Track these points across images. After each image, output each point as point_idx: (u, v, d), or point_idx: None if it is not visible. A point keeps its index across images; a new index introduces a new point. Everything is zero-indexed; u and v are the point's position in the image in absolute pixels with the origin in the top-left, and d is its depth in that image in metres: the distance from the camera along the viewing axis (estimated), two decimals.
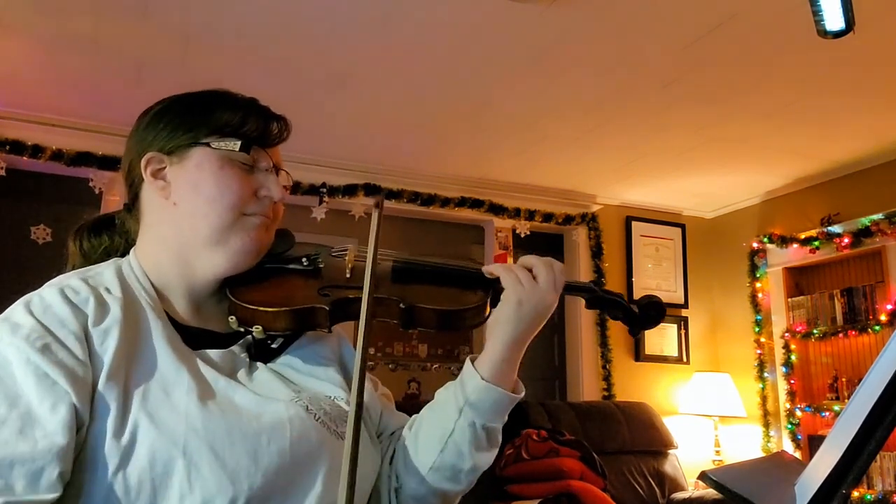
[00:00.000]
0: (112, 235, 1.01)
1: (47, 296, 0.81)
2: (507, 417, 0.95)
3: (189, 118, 0.92)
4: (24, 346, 0.74)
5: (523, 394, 0.95)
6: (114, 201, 3.80)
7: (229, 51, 3.01)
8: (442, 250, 4.68)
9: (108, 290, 0.85)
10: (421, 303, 0.92)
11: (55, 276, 0.87)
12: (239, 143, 0.90)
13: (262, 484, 0.76)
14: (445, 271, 0.99)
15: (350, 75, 3.21)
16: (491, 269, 0.97)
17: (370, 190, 4.30)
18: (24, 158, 3.64)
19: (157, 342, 0.83)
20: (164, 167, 0.91)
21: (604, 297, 1.02)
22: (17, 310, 0.79)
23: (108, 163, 3.77)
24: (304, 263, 0.98)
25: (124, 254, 0.97)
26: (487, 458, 0.94)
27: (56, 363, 0.74)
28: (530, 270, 0.95)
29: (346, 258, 0.99)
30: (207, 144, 0.90)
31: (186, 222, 0.90)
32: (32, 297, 0.81)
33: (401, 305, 0.91)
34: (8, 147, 3.60)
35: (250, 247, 0.91)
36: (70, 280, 0.85)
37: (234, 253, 0.90)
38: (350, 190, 4.25)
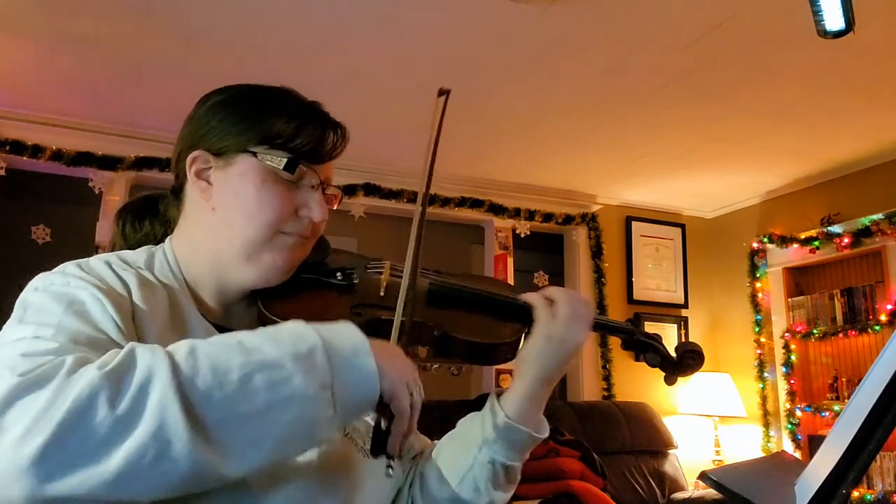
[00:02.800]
0: (153, 221, 0.98)
1: (94, 264, 0.80)
2: (527, 457, 0.93)
3: (243, 120, 0.88)
4: (96, 291, 0.74)
5: (547, 434, 0.92)
6: (114, 201, 3.80)
7: (229, 51, 3.01)
8: (442, 250, 4.69)
9: (152, 274, 0.85)
10: (457, 332, 0.89)
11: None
12: (286, 159, 0.86)
13: (283, 496, 0.75)
14: (484, 298, 0.95)
15: (350, 75, 3.21)
16: (527, 298, 0.93)
17: (370, 190, 4.30)
18: (24, 158, 3.64)
19: (198, 329, 0.82)
20: (209, 168, 0.88)
21: (641, 340, 0.99)
22: (69, 267, 0.78)
23: (108, 163, 3.77)
24: (339, 278, 0.94)
25: (160, 241, 0.94)
26: (504, 497, 0.92)
27: (120, 312, 0.74)
28: (562, 303, 0.91)
29: (382, 275, 0.95)
30: (255, 154, 0.86)
31: (223, 231, 0.87)
32: (78, 262, 0.80)
33: (435, 333, 0.88)
34: (8, 147, 3.60)
35: (282, 265, 0.88)
36: (111, 257, 0.84)
37: (265, 270, 0.87)
38: (350, 190, 4.25)
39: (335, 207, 0.94)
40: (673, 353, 0.99)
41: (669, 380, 1.00)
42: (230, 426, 0.62)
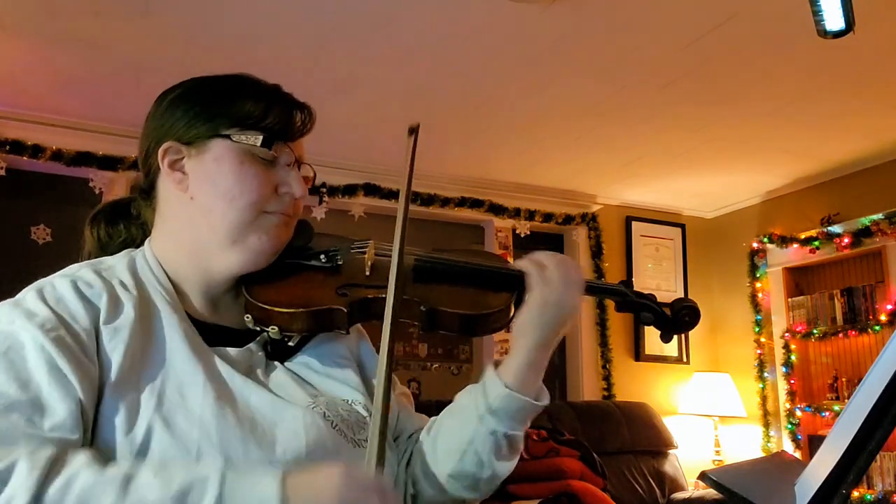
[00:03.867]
0: (129, 225, 0.97)
1: (59, 286, 0.79)
2: (529, 424, 0.92)
3: (210, 107, 0.88)
4: (39, 333, 0.72)
5: (547, 401, 0.91)
6: None
7: (229, 51, 3.01)
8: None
9: (122, 284, 0.83)
10: (444, 306, 0.89)
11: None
12: (261, 137, 0.86)
13: None
14: (470, 270, 0.95)
15: (351, 75, 3.21)
16: (518, 264, 0.93)
17: (370, 190, 4.30)
18: (24, 158, 3.64)
19: (173, 339, 0.81)
20: (182, 158, 0.87)
21: (635, 300, 0.99)
22: (29, 296, 0.77)
23: (108, 163, 3.77)
24: (323, 260, 0.93)
25: (140, 244, 0.93)
26: (508, 467, 0.90)
27: (68, 357, 0.72)
28: (552, 267, 0.91)
29: (366, 255, 0.95)
30: (228, 137, 0.86)
31: (203, 218, 0.86)
32: (44, 284, 0.79)
33: (422, 308, 0.88)
34: (8, 147, 3.60)
35: (268, 246, 0.88)
36: (83, 272, 0.82)
37: (252, 252, 0.87)
38: (350, 190, 4.25)
39: (310, 186, 0.94)
40: (667, 311, 0.98)
41: (665, 337, 1.00)
42: None
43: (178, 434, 0.73)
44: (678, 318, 0.98)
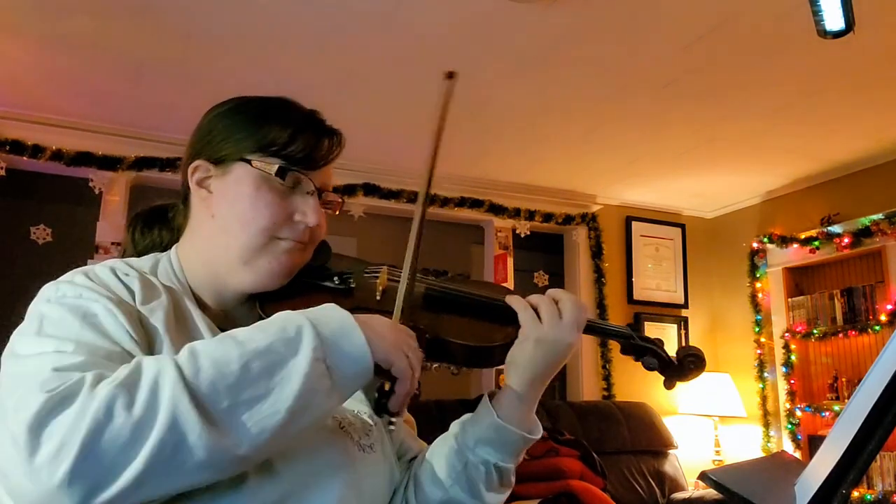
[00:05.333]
0: (161, 230, 1.02)
1: (100, 272, 0.84)
2: (521, 458, 0.94)
3: (241, 129, 0.91)
4: (107, 302, 0.78)
5: (540, 435, 0.93)
6: (114, 201, 3.80)
7: (229, 51, 3.01)
8: (442, 250, 4.69)
9: (155, 276, 0.89)
10: (449, 336, 0.90)
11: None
12: (277, 165, 0.88)
13: (282, 490, 0.77)
14: (478, 303, 0.96)
15: (350, 75, 3.21)
16: (510, 301, 0.94)
17: (370, 190, 4.30)
18: (24, 158, 3.64)
19: (200, 326, 0.85)
20: (210, 177, 0.91)
21: (640, 344, 0.97)
22: (78, 278, 0.81)
23: (108, 163, 3.77)
24: (336, 282, 0.96)
25: (167, 248, 0.98)
26: (498, 499, 0.93)
27: (132, 323, 0.77)
28: (557, 304, 0.91)
29: (379, 279, 0.97)
30: (249, 162, 0.89)
31: (220, 237, 0.90)
32: (87, 270, 0.84)
33: (427, 336, 0.89)
34: (8, 147, 3.60)
35: (278, 270, 0.90)
36: (116, 263, 0.87)
37: (261, 275, 0.90)
38: (350, 190, 4.25)
39: (336, 213, 0.97)
40: (673, 356, 0.97)
41: (668, 384, 0.98)
42: (237, 411, 0.67)
43: None
44: (683, 366, 0.97)
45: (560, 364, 0.91)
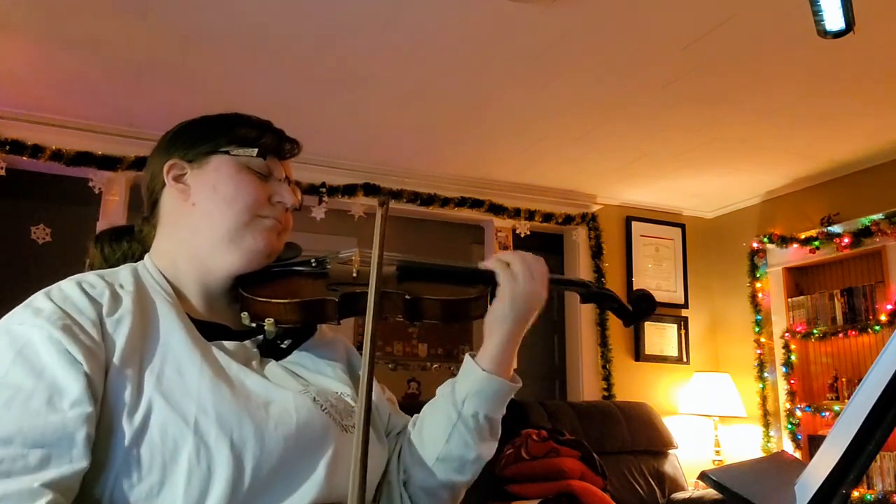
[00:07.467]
0: (131, 242, 1.07)
1: (65, 287, 0.86)
2: (505, 409, 1.00)
3: (211, 132, 1.00)
4: (47, 325, 0.79)
5: (520, 385, 1.01)
6: (113, 201, 3.80)
7: (229, 51, 3.01)
8: (442, 250, 4.69)
9: (121, 286, 0.91)
10: (425, 294, 0.97)
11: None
12: (256, 150, 0.98)
13: (266, 466, 0.80)
14: (447, 270, 1.05)
15: (350, 75, 3.21)
16: (487, 263, 1.02)
17: (370, 190, 4.30)
18: (24, 158, 3.64)
19: (172, 330, 0.87)
20: (185, 173, 0.98)
21: (597, 291, 1.11)
22: (37, 298, 0.84)
23: (108, 163, 3.77)
24: (313, 265, 1.03)
25: (139, 259, 1.02)
26: (490, 449, 0.99)
27: (75, 341, 0.79)
28: (516, 263, 1.00)
29: (353, 261, 1.04)
30: (227, 152, 0.97)
31: (204, 221, 0.96)
32: (52, 288, 0.87)
33: (406, 297, 0.95)
34: (8, 147, 3.60)
35: (262, 246, 0.96)
36: (87, 276, 0.90)
37: (248, 251, 0.96)
38: (350, 190, 4.25)
39: (299, 209, 1.04)
40: (627, 303, 1.11)
41: (626, 322, 1.13)
42: None
43: (177, 408, 0.80)
44: (637, 308, 1.11)
45: (531, 319, 1.00)
